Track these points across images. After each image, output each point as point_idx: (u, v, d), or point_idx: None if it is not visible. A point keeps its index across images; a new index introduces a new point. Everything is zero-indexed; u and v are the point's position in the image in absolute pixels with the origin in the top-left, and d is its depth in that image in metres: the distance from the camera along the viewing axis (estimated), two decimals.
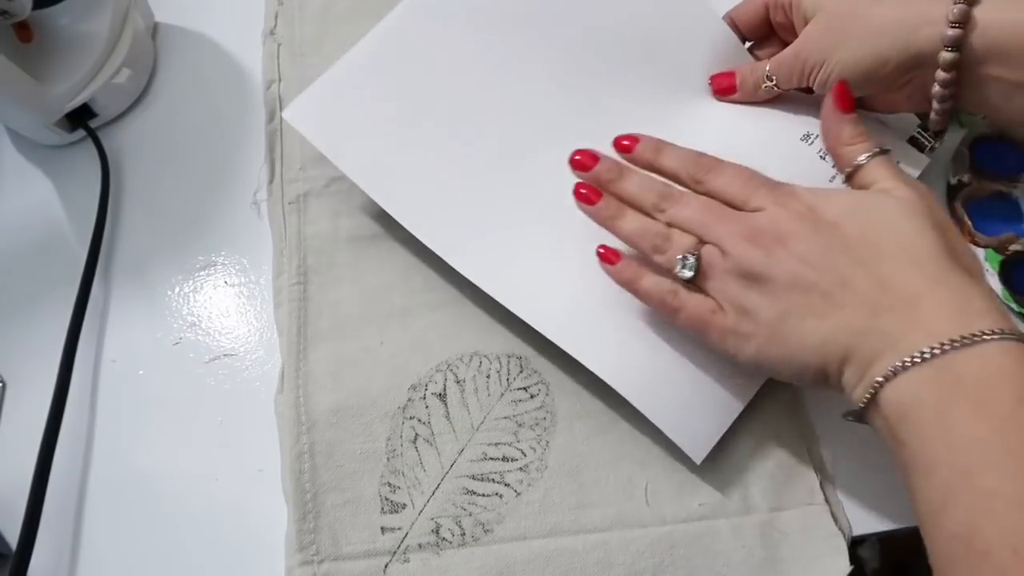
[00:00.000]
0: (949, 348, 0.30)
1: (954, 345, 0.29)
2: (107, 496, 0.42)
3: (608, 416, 0.42)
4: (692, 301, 0.37)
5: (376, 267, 0.46)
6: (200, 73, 0.55)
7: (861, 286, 0.33)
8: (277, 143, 0.50)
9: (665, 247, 0.38)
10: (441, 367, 0.44)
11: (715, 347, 0.37)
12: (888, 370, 0.31)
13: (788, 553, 0.39)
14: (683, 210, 0.39)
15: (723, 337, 0.37)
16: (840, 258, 0.34)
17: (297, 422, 0.42)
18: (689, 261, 0.37)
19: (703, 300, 0.37)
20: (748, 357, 0.36)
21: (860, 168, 0.38)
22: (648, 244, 0.39)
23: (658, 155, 0.41)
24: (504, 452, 0.42)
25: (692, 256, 0.37)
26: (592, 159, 0.42)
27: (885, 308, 0.32)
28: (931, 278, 0.32)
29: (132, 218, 0.50)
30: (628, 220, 0.40)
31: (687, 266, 0.37)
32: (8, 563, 0.38)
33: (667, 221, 0.39)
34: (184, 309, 0.47)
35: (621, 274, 0.40)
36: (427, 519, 0.40)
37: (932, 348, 0.30)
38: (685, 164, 0.40)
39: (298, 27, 0.54)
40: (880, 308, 0.32)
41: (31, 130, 0.51)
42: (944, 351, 0.30)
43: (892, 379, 0.31)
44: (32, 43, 0.49)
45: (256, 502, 0.42)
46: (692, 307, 0.37)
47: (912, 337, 0.31)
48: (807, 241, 0.35)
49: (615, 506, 0.40)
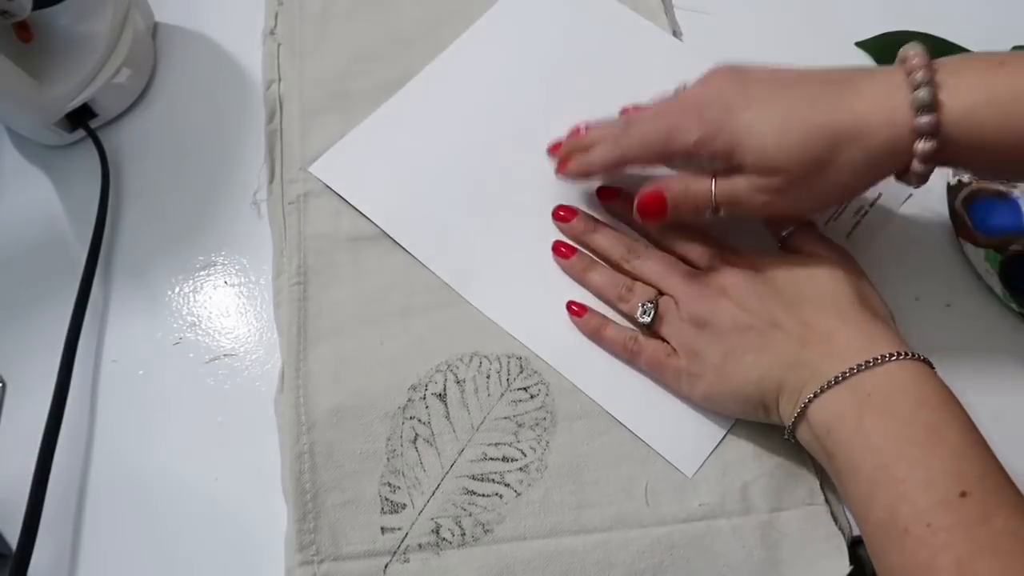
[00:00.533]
0: (858, 370, 0.35)
1: (861, 368, 0.35)
2: (107, 496, 0.42)
3: (608, 417, 0.42)
4: (650, 346, 0.42)
5: (376, 267, 0.46)
6: (200, 73, 0.55)
7: (789, 326, 0.38)
8: (277, 143, 0.50)
9: (628, 296, 0.44)
10: (441, 367, 0.44)
11: (671, 386, 0.42)
12: (811, 393, 0.36)
13: (788, 553, 0.39)
14: (646, 263, 0.44)
15: (677, 377, 0.42)
16: (772, 304, 0.39)
17: (297, 422, 0.42)
18: (648, 308, 0.42)
19: (659, 345, 0.42)
20: (699, 395, 0.41)
21: (790, 234, 0.44)
22: (614, 294, 0.44)
23: (594, 231, 0.46)
24: (504, 452, 0.42)
25: (651, 304, 0.42)
26: (571, 213, 0.47)
27: (809, 343, 0.38)
28: (843, 319, 0.38)
29: (132, 218, 0.50)
30: (598, 273, 0.45)
31: (646, 312, 0.42)
32: (8, 563, 0.38)
33: (630, 270, 0.44)
34: (184, 309, 0.47)
35: (587, 324, 0.44)
36: (427, 519, 0.40)
37: (844, 372, 0.35)
38: (614, 244, 0.45)
39: (298, 27, 0.55)
40: (805, 344, 0.38)
41: (31, 130, 0.51)
42: (853, 373, 0.35)
43: (815, 400, 0.36)
44: (32, 43, 0.49)
45: (256, 502, 0.42)
46: (650, 351, 0.42)
47: (830, 366, 0.36)
48: (745, 291, 0.40)
49: (615, 506, 0.40)
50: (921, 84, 0.35)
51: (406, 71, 0.52)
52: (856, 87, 0.36)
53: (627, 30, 0.54)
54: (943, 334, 0.45)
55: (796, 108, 0.37)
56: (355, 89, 0.52)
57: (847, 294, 0.39)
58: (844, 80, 0.37)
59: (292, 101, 0.52)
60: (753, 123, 0.37)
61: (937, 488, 0.32)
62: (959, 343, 0.44)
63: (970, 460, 0.32)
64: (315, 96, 0.52)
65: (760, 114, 0.37)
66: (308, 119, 0.51)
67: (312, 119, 0.51)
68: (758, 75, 0.39)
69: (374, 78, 0.52)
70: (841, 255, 0.42)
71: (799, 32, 0.55)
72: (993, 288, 0.45)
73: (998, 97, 0.34)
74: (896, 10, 0.54)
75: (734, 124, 0.38)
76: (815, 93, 0.37)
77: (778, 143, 0.37)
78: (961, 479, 0.32)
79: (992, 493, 0.32)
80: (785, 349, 0.38)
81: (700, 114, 0.39)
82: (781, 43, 0.54)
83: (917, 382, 0.35)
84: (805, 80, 0.38)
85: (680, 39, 0.54)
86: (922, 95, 0.34)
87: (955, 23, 0.52)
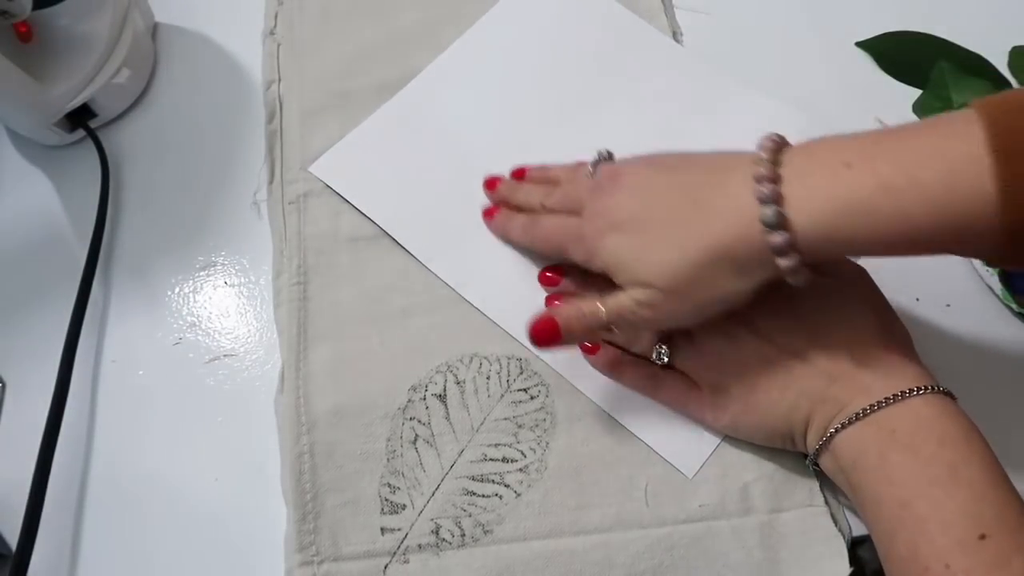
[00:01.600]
0: (884, 404, 0.35)
1: (887, 402, 0.35)
2: (107, 496, 0.43)
3: (608, 418, 0.42)
4: (669, 381, 0.42)
5: (376, 267, 0.46)
6: (200, 73, 0.55)
7: (816, 360, 0.38)
8: (277, 143, 0.50)
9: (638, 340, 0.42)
10: (441, 368, 0.44)
11: (694, 418, 0.42)
12: (836, 426, 0.36)
13: (788, 554, 0.39)
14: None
15: (700, 410, 0.41)
16: (796, 336, 0.39)
17: (297, 423, 0.42)
18: (663, 349, 0.41)
19: (679, 378, 0.42)
20: (724, 425, 0.41)
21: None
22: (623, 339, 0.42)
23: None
24: (504, 453, 0.42)
25: (664, 345, 0.41)
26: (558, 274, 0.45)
27: (836, 379, 0.37)
28: (869, 351, 0.37)
29: (132, 218, 0.50)
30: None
31: (662, 353, 0.41)
32: (8, 563, 0.38)
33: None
34: (184, 309, 0.47)
35: (602, 361, 0.43)
36: (427, 520, 0.40)
37: (871, 406, 0.36)
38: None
39: (298, 27, 0.55)
40: (832, 379, 0.37)
41: (31, 130, 0.51)
42: (879, 407, 0.35)
43: (840, 433, 0.36)
44: (32, 43, 0.49)
45: (256, 502, 0.42)
46: (670, 387, 0.42)
47: (856, 400, 0.36)
48: (769, 321, 0.39)
49: (615, 507, 0.40)
50: (767, 200, 0.33)
51: (406, 71, 0.52)
52: (714, 203, 0.35)
53: (627, 32, 0.54)
54: (943, 334, 0.45)
55: (659, 230, 0.37)
56: (355, 89, 0.52)
57: (871, 324, 0.38)
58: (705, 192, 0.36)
59: (292, 101, 0.52)
60: (619, 247, 0.38)
61: (956, 529, 0.32)
62: (959, 343, 0.44)
63: (990, 501, 0.32)
64: (315, 96, 0.52)
65: (626, 238, 0.38)
66: (308, 119, 0.51)
67: (312, 119, 0.51)
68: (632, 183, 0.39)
69: (374, 78, 0.52)
70: (863, 279, 0.41)
71: (799, 32, 0.55)
72: (993, 288, 0.45)
73: (848, 207, 0.32)
74: (896, 10, 0.54)
75: (604, 249, 0.39)
76: (678, 213, 0.37)
77: (645, 267, 0.37)
78: (980, 521, 0.32)
79: (1012, 535, 0.32)
80: (812, 384, 0.38)
81: (582, 233, 0.40)
82: (781, 43, 0.54)
83: (940, 418, 0.35)
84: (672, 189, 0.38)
85: (680, 39, 0.54)
86: (768, 214, 0.33)
87: (955, 23, 0.52)
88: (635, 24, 0.54)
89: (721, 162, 0.37)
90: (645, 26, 0.54)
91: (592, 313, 0.39)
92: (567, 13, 0.55)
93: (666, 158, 0.40)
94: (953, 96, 0.49)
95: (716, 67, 0.52)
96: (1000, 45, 0.50)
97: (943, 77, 0.48)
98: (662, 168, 0.39)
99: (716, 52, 0.53)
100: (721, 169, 0.37)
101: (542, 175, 0.47)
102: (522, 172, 0.48)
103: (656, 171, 0.39)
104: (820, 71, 0.53)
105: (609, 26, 0.54)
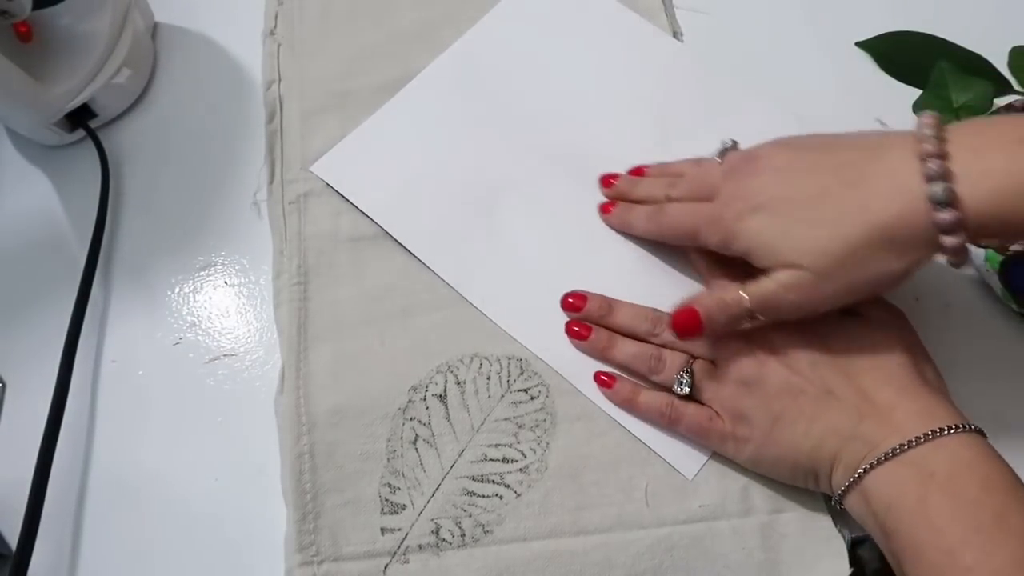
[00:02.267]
0: (916, 443, 0.34)
1: (920, 441, 0.34)
2: (107, 496, 0.43)
3: (608, 418, 0.42)
4: (689, 411, 0.41)
5: (376, 267, 0.46)
6: (200, 73, 0.55)
7: (845, 395, 0.37)
8: (277, 143, 0.50)
9: (659, 368, 0.42)
10: (441, 368, 0.44)
11: (715, 449, 0.41)
12: (867, 465, 0.35)
13: (788, 555, 0.39)
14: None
15: (722, 441, 0.40)
16: (826, 370, 0.38)
17: (297, 423, 0.42)
18: (685, 379, 0.41)
19: (699, 409, 0.41)
20: (746, 458, 0.40)
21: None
22: (644, 367, 0.42)
23: (610, 312, 0.44)
24: (504, 453, 0.42)
25: (686, 374, 0.41)
26: (581, 299, 0.44)
27: (866, 415, 0.36)
28: (901, 391, 0.37)
29: (132, 218, 0.50)
30: (621, 348, 0.43)
31: (684, 383, 0.41)
32: (8, 563, 0.38)
33: (662, 344, 0.42)
34: (184, 309, 0.47)
35: (619, 395, 0.42)
36: (427, 520, 0.40)
37: (903, 444, 0.34)
38: (637, 320, 0.43)
39: (298, 27, 0.54)
40: (862, 416, 0.36)
41: (31, 130, 0.51)
42: (912, 446, 0.34)
43: (871, 472, 0.35)
44: (32, 43, 0.49)
45: (256, 502, 0.42)
46: (690, 417, 0.41)
47: (888, 439, 0.35)
48: (796, 352, 0.39)
49: (615, 507, 0.40)
50: (935, 177, 0.32)
51: (406, 71, 0.52)
52: (870, 181, 0.35)
53: (628, 31, 0.54)
54: (943, 334, 0.45)
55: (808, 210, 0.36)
56: (355, 89, 0.52)
57: (905, 364, 0.37)
58: (859, 170, 0.35)
59: (292, 101, 0.52)
60: (764, 228, 0.37)
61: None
62: (959, 343, 0.44)
63: None
64: (315, 96, 0.52)
65: (770, 218, 0.37)
66: (308, 119, 0.51)
67: (312, 119, 0.51)
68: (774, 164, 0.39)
69: (374, 78, 0.52)
70: (899, 320, 0.40)
71: (799, 32, 0.55)
72: (993, 288, 0.45)
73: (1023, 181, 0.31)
74: (896, 10, 0.54)
75: (747, 231, 0.38)
76: (829, 193, 0.36)
77: (793, 247, 0.36)
78: None
79: None
80: (841, 420, 0.36)
81: (719, 216, 0.39)
82: (781, 43, 0.54)
83: (980, 461, 0.34)
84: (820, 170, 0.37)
85: (680, 39, 0.54)
86: (938, 191, 0.32)
87: (955, 23, 0.52)
88: (636, 24, 0.54)
89: (874, 141, 0.37)
90: (646, 25, 0.54)
91: (735, 301, 0.38)
92: (567, 13, 0.55)
93: (807, 139, 0.39)
94: (953, 96, 0.49)
95: (716, 67, 0.52)
96: (1000, 45, 0.50)
97: (943, 77, 0.48)
98: (805, 148, 0.39)
99: (716, 52, 0.53)
100: (875, 147, 0.36)
101: (662, 170, 0.46)
102: (641, 170, 0.47)
103: (798, 152, 0.39)
104: (820, 71, 0.53)
105: (610, 26, 0.54)
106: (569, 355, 0.44)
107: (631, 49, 0.52)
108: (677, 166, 0.46)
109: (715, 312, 0.39)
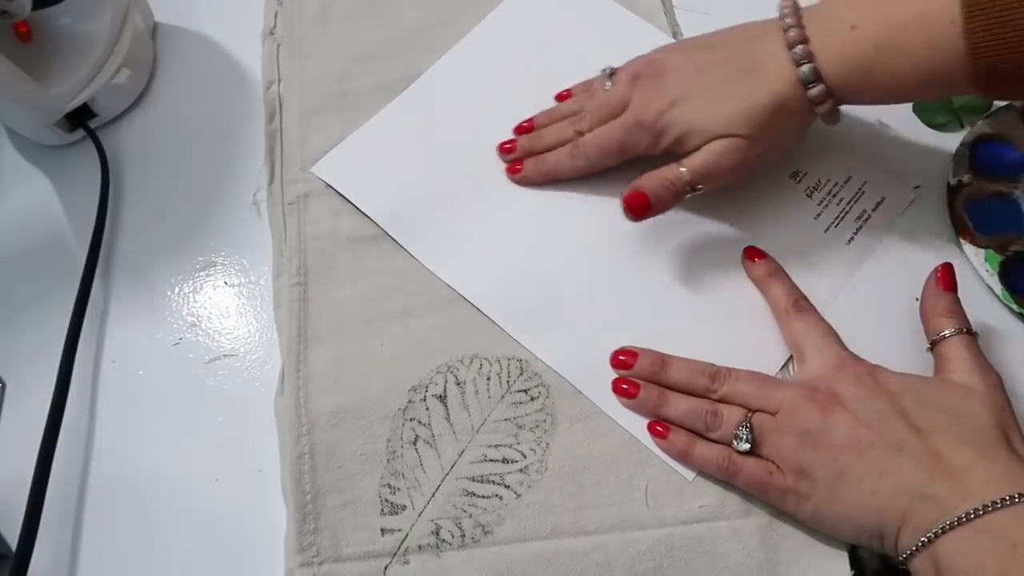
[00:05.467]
0: (993, 508, 0.32)
1: (997, 506, 0.32)
2: (107, 496, 0.43)
3: (608, 419, 0.42)
4: (748, 464, 0.39)
5: (376, 268, 0.46)
6: (200, 73, 0.55)
7: (916, 452, 0.35)
8: (277, 143, 0.50)
9: (716, 424, 0.40)
10: (441, 369, 0.43)
11: (775, 505, 0.39)
12: (939, 528, 0.33)
13: (788, 556, 0.39)
14: (736, 384, 0.41)
15: (783, 497, 0.38)
16: (896, 424, 0.36)
17: (297, 423, 0.42)
18: (744, 434, 0.39)
19: (758, 463, 0.39)
20: (808, 515, 0.38)
21: (944, 340, 0.39)
22: (700, 424, 0.40)
23: (663, 369, 0.42)
24: (504, 454, 0.42)
25: (745, 429, 0.39)
26: (632, 356, 0.43)
27: (939, 476, 0.34)
28: (980, 454, 0.34)
29: (132, 218, 0.50)
30: (673, 405, 0.41)
31: (743, 439, 0.39)
32: (8, 563, 0.38)
33: (720, 398, 0.41)
34: (184, 309, 0.47)
35: (673, 446, 0.41)
36: (427, 520, 0.40)
37: (979, 508, 0.32)
38: (694, 376, 0.42)
39: (298, 27, 0.54)
40: (934, 476, 0.34)
41: (31, 130, 0.51)
42: (988, 511, 0.32)
43: (944, 537, 0.33)
44: (32, 43, 0.49)
45: (256, 502, 0.42)
46: (749, 470, 0.39)
47: (963, 501, 0.33)
48: (864, 403, 0.37)
49: (615, 508, 0.40)
50: (801, 60, 0.39)
51: (406, 71, 0.52)
52: (762, 65, 0.41)
53: (628, 32, 0.54)
54: None
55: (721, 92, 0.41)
56: (355, 89, 0.52)
57: (986, 428, 0.35)
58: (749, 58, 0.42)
59: (292, 101, 0.52)
60: (688, 113, 0.42)
61: None
62: None
63: None
64: (315, 96, 0.52)
65: (691, 104, 0.42)
66: (308, 119, 0.51)
67: (312, 119, 0.51)
68: (674, 64, 0.44)
69: (374, 78, 0.52)
70: (989, 384, 0.37)
71: None
72: (993, 288, 0.45)
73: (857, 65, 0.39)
74: None
75: (674, 122, 0.42)
76: (733, 77, 0.42)
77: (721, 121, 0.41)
78: None
79: None
80: (911, 479, 0.34)
81: (640, 120, 0.43)
82: None
83: None
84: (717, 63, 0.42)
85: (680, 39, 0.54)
86: (806, 71, 0.39)
87: None
88: (636, 25, 0.54)
89: (749, 33, 0.43)
90: (646, 26, 0.54)
91: (676, 176, 0.42)
92: (568, 14, 0.55)
93: (686, 43, 0.46)
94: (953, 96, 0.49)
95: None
96: None
97: None
98: (693, 49, 0.44)
99: None
100: (753, 38, 0.42)
101: (554, 114, 0.49)
102: (530, 126, 0.49)
103: (689, 52, 0.44)
104: None
105: (610, 27, 0.54)
106: (569, 356, 0.44)
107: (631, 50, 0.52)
108: (565, 105, 0.49)
109: (659, 190, 0.42)
